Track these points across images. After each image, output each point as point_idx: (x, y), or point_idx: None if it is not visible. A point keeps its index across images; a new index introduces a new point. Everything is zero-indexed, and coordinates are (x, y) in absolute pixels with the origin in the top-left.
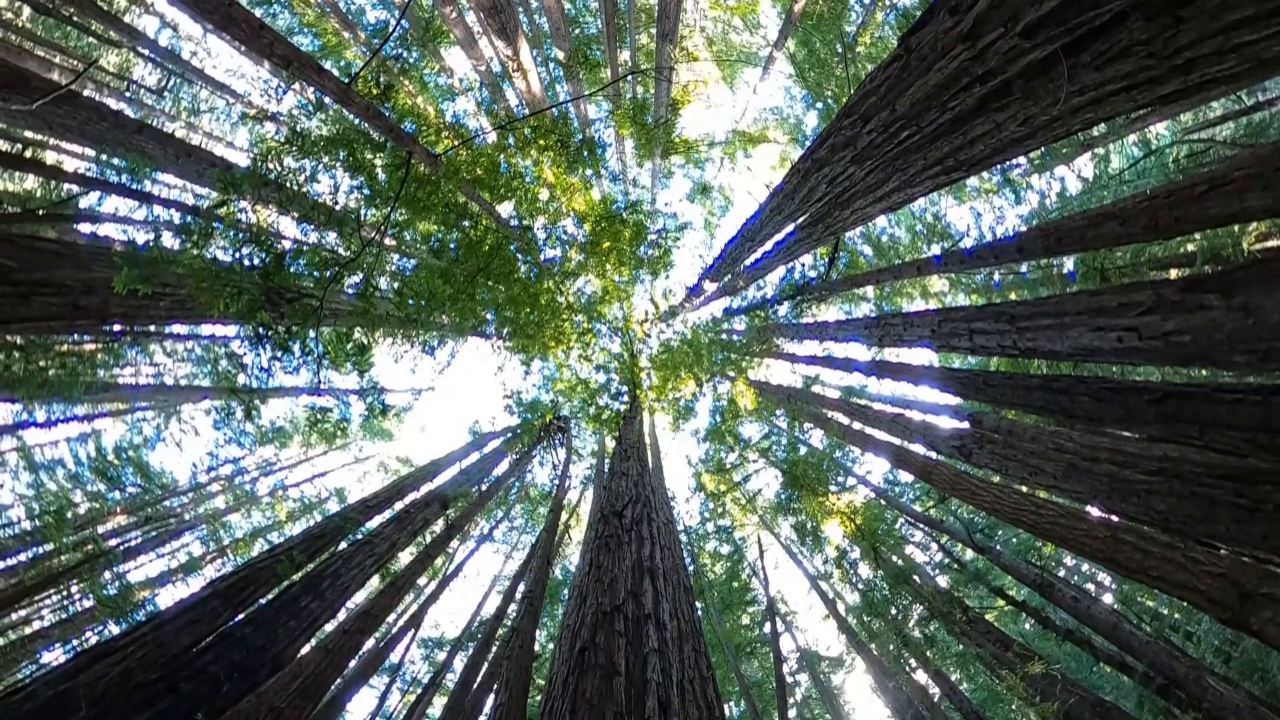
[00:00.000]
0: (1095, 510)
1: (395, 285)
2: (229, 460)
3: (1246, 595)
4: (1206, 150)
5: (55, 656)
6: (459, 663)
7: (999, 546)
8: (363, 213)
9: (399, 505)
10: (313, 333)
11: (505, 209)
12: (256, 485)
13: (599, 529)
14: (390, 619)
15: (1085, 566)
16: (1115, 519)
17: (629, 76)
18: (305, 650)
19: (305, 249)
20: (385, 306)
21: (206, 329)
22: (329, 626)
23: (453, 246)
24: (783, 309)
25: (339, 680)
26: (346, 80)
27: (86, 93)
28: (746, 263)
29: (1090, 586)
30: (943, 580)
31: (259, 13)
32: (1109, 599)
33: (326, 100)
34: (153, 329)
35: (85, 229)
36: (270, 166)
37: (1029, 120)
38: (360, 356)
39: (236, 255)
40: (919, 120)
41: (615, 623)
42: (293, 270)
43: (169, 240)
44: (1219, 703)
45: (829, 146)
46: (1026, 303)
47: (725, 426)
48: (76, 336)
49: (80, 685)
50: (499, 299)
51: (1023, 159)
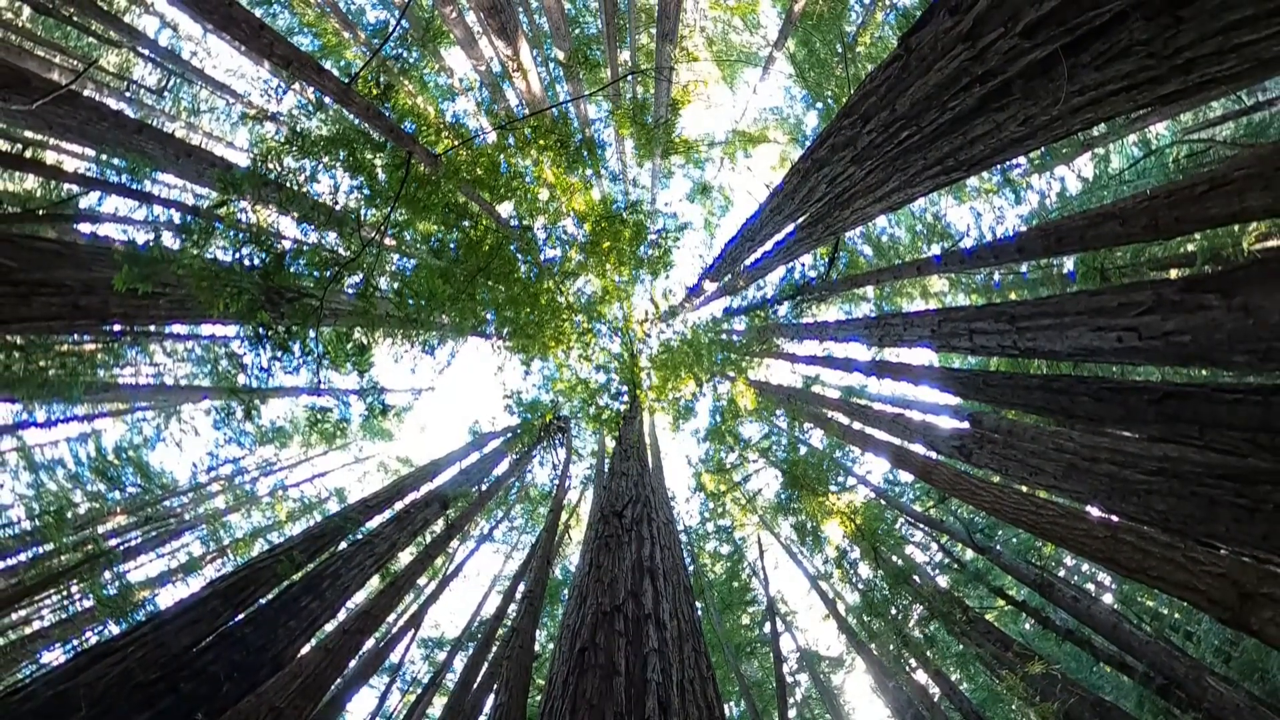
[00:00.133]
0: (1095, 510)
1: (395, 285)
2: (229, 460)
3: (1246, 595)
4: (1206, 150)
5: (55, 656)
6: (459, 663)
7: (999, 546)
8: (363, 213)
9: (399, 505)
10: (313, 333)
11: (505, 209)
12: (256, 485)
13: (599, 529)
14: (390, 619)
15: (1085, 566)
16: (1115, 519)
17: (629, 76)
18: (305, 650)
19: (305, 249)
20: (385, 306)
21: (206, 329)
22: (329, 626)
23: (453, 246)
24: (783, 309)
25: (339, 680)
26: (346, 80)
27: (86, 93)
28: (746, 263)
29: (1090, 586)
30: (943, 580)
31: (259, 13)
32: (1109, 599)
33: (326, 100)
34: (153, 329)
35: (85, 229)
36: (270, 166)
37: (1029, 120)
38: (360, 356)
39: (236, 255)
40: (919, 120)
41: (615, 623)
42: (293, 270)
43: (169, 240)
44: (1219, 703)
45: (829, 146)
46: (1026, 303)
47: (725, 426)
48: (76, 336)
49: (80, 685)
50: (499, 299)
51: (1023, 159)
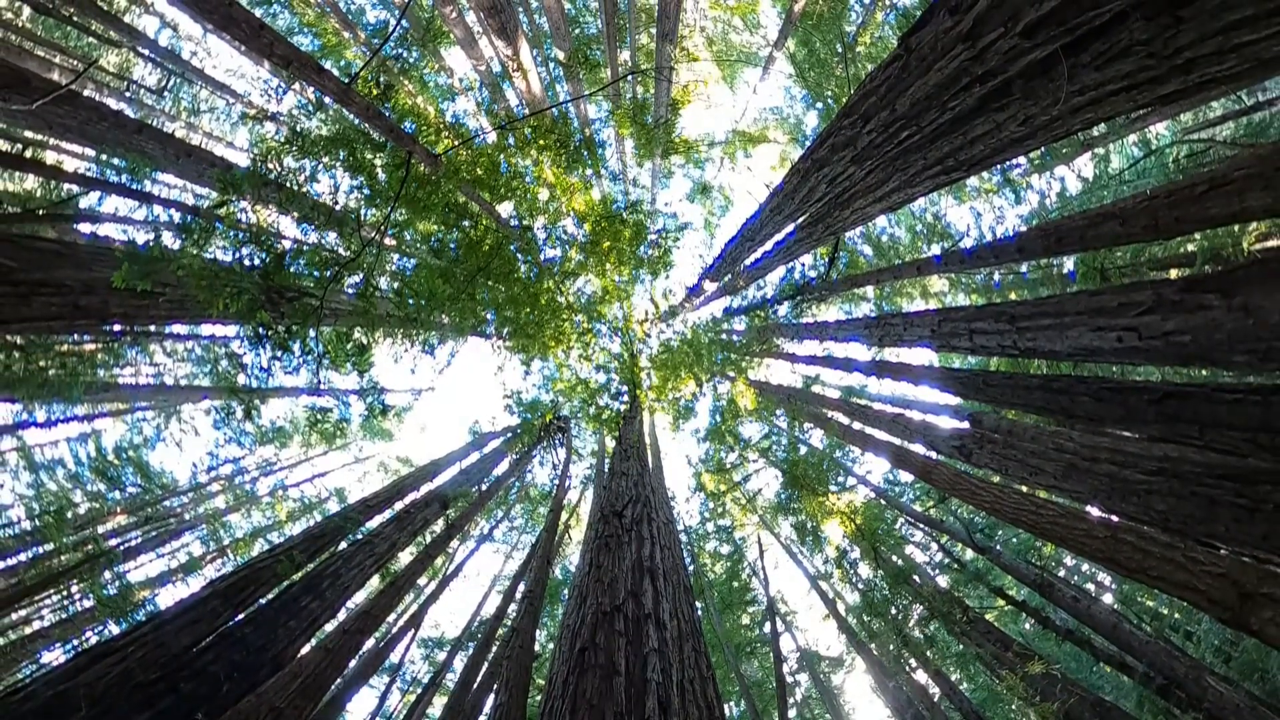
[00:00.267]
0: (1095, 510)
1: (395, 285)
2: (229, 460)
3: (1246, 595)
4: (1206, 150)
5: (55, 656)
6: (459, 663)
7: (999, 546)
8: (363, 213)
9: (399, 505)
10: (313, 332)
11: (505, 209)
12: (256, 485)
13: (599, 529)
14: (390, 619)
15: (1085, 566)
16: (1115, 519)
17: (629, 76)
18: (305, 650)
19: (305, 249)
20: (385, 306)
21: (206, 329)
22: (329, 626)
23: (453, 246)
24: (783, 309)
25: (339, 680)
26: (346, 80)
27: (86, 93)
28: (746, 263)
29: (1090, 586)
30: (943, 580)
31: (259, 13)
32: (1109, 599)
33: (326, 100)
34: (153, 329)
35: (85, 229)
36: (270, 166)
37: (1029, 120)
38: (360, 356)
39: (236, 255)
40: (919, 120)
41: (615, 623)
42: (293, 270)
43: (169, 240)
44: (1219, 703)
45: (829, 146)
46: (1026, 303)
47: (725, 426)
48: (76, 336)
49: (80, 685)
50: (499, 299)
51: (1023, 159)
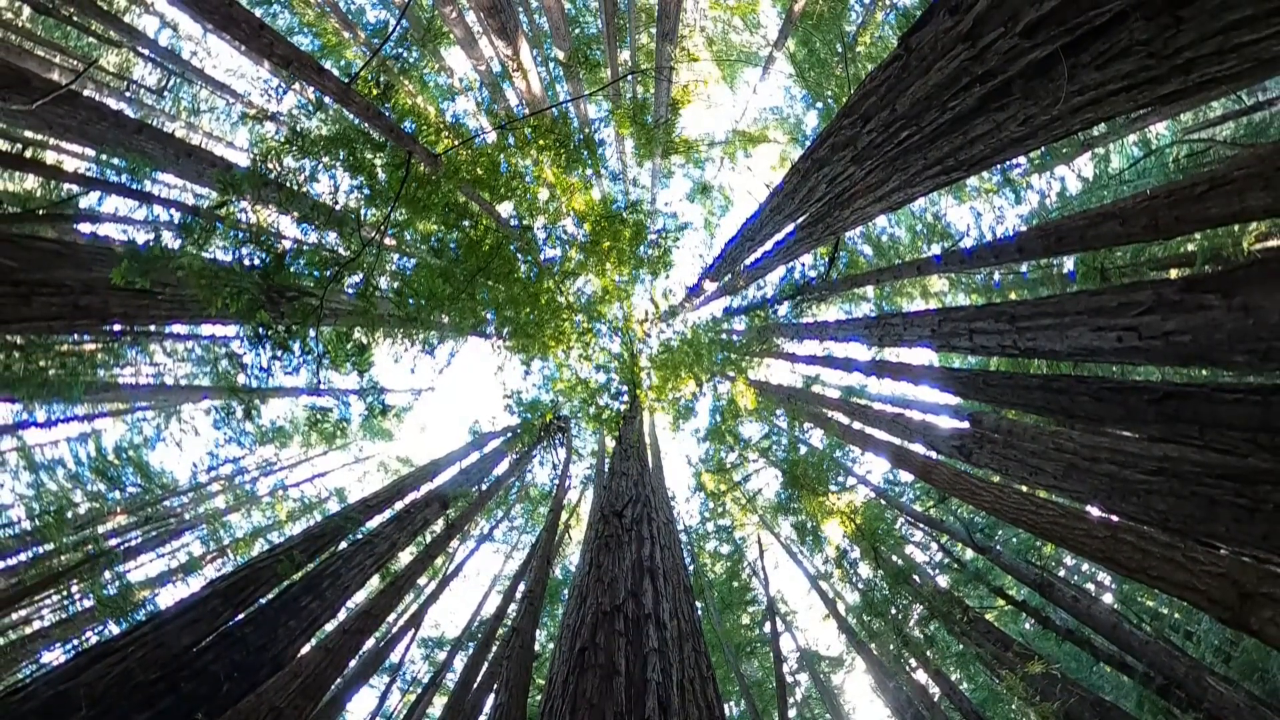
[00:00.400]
0: (1095, 510)
1: (395, 285)
2: (229, 460)
3: (1246, 595)
4: (1206, 150)
5: (55, 656)
6: (459, 662)
7: (999, 546)
8: (363, 212)
9: (399, 505)
10: (313, 332)
11: (505, 209)
12: (256, 485)
13: (599, 529)
14: (390, 619)
15: (1085, 566)
16: (1115, 519)
17: (629, 76)
18: (305, 650)
19: (305, 249)
20: (385, 306)
21: (206, 329)
22: (329, 626)
23: (453, 246)
24: (783, 309)
25: (339, 680)
26: (346, 80)
27: (86, 93)
28: (746, 262)
29: (1090, 586)
30: (943, 580)
31: (259, 13)
32: (1109, 599)
33: (326, 100)
34: (153, 329)
35: (85, 229)
36: (270, 166)
37: (1029, 120)
38: (360, 356)
39: (236, 255)
40: (919, 120)
41: (615, 622)
42: (293, 270)
43: (169, 240)
44: (1219, 703)
45: (829, 146)
46: (1026, 303)
47: (725, 426)
48: (76, 336)
49: (80, 685)
50: (499, 299)
51: (1023, 159)
